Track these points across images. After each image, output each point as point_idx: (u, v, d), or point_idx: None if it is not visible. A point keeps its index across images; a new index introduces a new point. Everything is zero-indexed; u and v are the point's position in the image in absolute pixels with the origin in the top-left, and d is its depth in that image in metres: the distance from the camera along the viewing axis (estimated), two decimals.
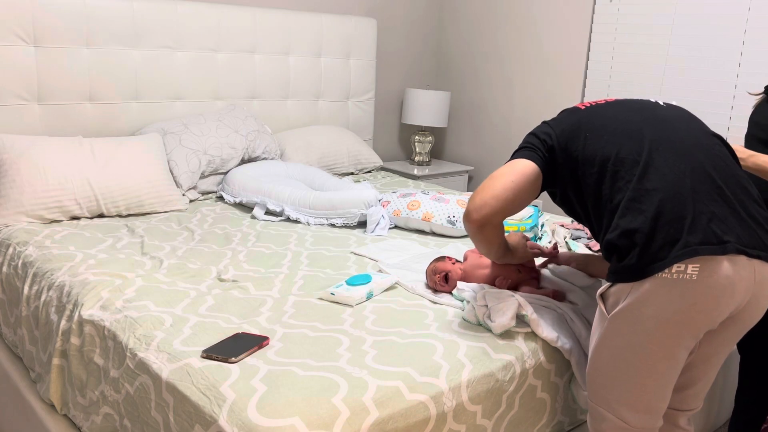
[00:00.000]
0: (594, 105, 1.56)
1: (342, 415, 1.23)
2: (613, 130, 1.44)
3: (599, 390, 1.45)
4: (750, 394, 2.02)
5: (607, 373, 1.41)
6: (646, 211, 1.31)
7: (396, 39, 4.05)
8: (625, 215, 1.33)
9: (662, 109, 1.50)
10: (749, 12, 2.85)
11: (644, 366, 1.36)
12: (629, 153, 1.39)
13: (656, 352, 1.34)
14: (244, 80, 3.25)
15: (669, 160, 1.36)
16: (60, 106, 2.70)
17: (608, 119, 1.48)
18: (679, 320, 1.30)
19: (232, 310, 1.67)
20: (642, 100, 1.56)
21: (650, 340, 1.33)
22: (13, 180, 2.31)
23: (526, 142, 1.57)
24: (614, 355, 1.39)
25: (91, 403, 1.61)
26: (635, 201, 1.33)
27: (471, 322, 1.65)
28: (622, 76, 3.34)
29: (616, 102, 1.55)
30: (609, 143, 1.42)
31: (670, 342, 1.33)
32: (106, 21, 2.74)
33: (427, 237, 2.45)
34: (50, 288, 1.85)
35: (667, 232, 1.29)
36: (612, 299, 1.38)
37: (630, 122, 1.45)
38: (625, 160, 1.38)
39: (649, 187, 1.33)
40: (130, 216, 2.50)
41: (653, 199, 1.31)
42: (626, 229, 1.32)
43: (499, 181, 1.49)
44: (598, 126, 1.47)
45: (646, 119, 1.45)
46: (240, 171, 2.82)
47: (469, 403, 1.42)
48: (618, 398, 1.41)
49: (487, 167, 4.10)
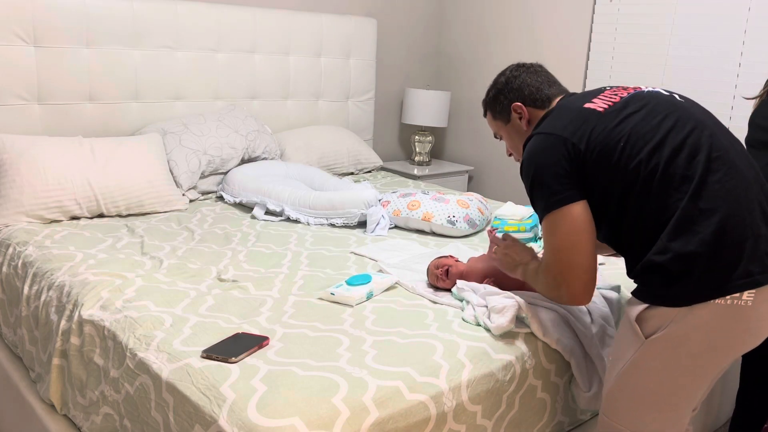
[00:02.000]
0: (615, 107, 1.41)
1: (342, 415, 1.23)
2: (653, 139, 1.33)
3: (625, 411, 1.39)
4: (751, 395, 2.02)
5: (638, 396, 1.36)
6: (702, 233, 1.23)
7: (396, 39, 4.05)
8: (678, 237, 1.25)
9: (691, 109, 1.39)
10: (749, 12, 2.85)
11: (682, 390, 1.32)
12: (677, 167, 1.29)
13: (697, 376, 1.30)
14: (244, 80, 3.25)
15: (721, 176, 1.27)
16: (60, 106, 2.70)
17: (642, 125, 1.35)
18: (728, 344, 1.27)
19: (232, 310, 1.67)
20: (661, 95, 1.43)
21: (694, 365, 1.29)
22: (13, 180, 2.31)
23: (556, 178, 1.38)
24: (650, 379, 1.33)
25: (91, 403, 1.61)
26: (689, 222, 1.25)
27: (470, 322, 1.64)
28: (622, 76, 3.34)
29: (636, 98, 1.41)
30: (652, 155, 1.31)
31: (713, 366, 1.30)
32: (106, 21, 2.74)
33: (427, 237, 2.45)
34: (50, 288, 1.85)
35: (726, 259, 1.23)
36: (652, 323, 1.31)
37: (670, 130, 1.34)
38: (674, 176, 1.29)
39: (703, 207, 1.25)
40: (130, 216, 2.50)
41: (710, 221, 1.23)
42: (681, 252, 1.24)
43: (581, 252, 1.36)
44: (636, 134, 1.34)
45: (683, 124, 1.34)
46: (240, 171, 2.82)
47: (469, 403, 1.42)
48: (647, 419, 1.37)
49: (487, 167, 4.09)
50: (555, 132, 1.42)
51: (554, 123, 1.45)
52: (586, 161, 1.38)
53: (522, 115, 1.61)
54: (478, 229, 2.53)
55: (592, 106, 1.43)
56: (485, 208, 2.62)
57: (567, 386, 1.67)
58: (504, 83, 1.64)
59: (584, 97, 1.49)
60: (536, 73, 1.62)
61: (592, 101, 1.45)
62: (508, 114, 1.63)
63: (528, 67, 1.64)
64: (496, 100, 1.65)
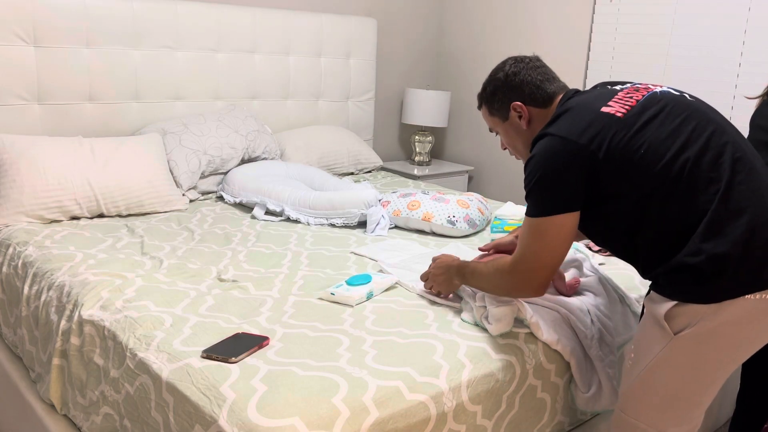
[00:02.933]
0: (633, 111, 1.39)
1: (342, 415, 1.23)
2: (675, 143, 1.33)
3: (644, 407, 1.40)
4: (751, 396, 2.02)
5: (662, 393, 1.37)
6: (732, 234, 1.26)
7: (396, 39, 4.05)
8: (710, 239, 1.27)
9: (705, 110, 1.40)
10: (749, 12, 2.85)
11: (705, 386, 1.35)
12: (703, 170, 1.30)
13: (720, 371, 1.33)
14: (244, 80, 3.25)
15: (745, 177, 1.30)
16: (60, 106, 2.70)
17: (662, 130, 1.35)
18: (755, 339, 1.31)
19: (232, 310, 1.67)
20: (674, 96, 1.43)
21: (719, 360, 1.32)
22: (13, 180, 2.31)
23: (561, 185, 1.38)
24: (676, 375, 1.35)
25: (91, 403, 1.61)
26: (719, 224, 1.27)
27: (468, 322, 1.64)
28: (622, 76, 3.34)
29: (652, 102, 1.40)
30: (676, 159, 1.32)
31: (738, 360, 1.33)
32: (106, 21, 2.74)
33: (427, 237, 2.45)
34: (50, 288, 1.85)
35: (757, 256, 1.26)
36: (681, 319, 1.32)
37: (691, 133, 1.35)
38: (700, 178, 1.30)
39: (732, 208, 1.28)
40: (130, 216, 2.50)
41: (740, 222, 1.27)
42: (714, 254, 1.26)
43: (557, 257, 1.41)
44: (656, 139, 1.34)
45: (703, 126, 1.36)
46: (240, 171, 2.82)
47: (469, 403, 1.42)
48: (666, 415, 1.38)
49: (487, 167, 4.10)
50: (571, 137, 1.38)
51: (571, 126, 1.40)
52: (602, 169, 1.36)
53: (522, 114, 1.58)
54: (478, 229, 2.53)
55: (611, 111, 1.40)
56: (485, 208, 2.62)
57: (567, 386, 1.67)
58: (503, 80, 1.59)
59: (599, 98, 1.45)
60: (535, 68, 1.58)
61: (609, 104, 1.41)
62: (506, 112, 1.60)
63: (527, 62, 1.59)
64: (494, 96, 1.61)
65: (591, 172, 1.37)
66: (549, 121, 1.49)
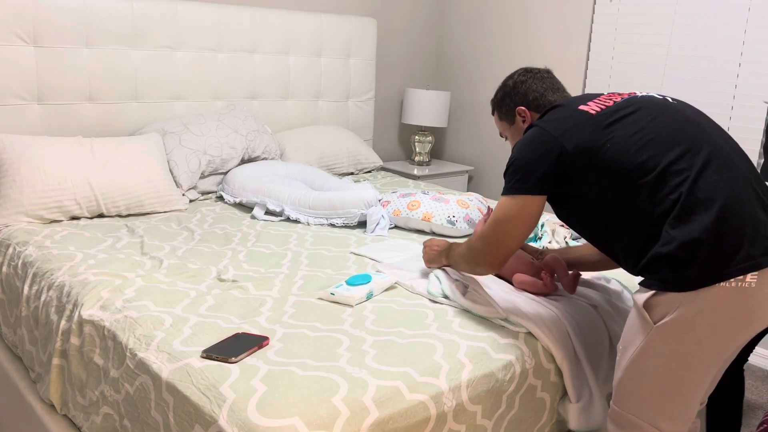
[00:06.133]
0: (607, 111, 1.48)
1: (342, 415, 1.23)
2: (643, 139, 1.39)
3: (636, 400, 1.42)
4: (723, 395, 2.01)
5: (649, 383, 1.39)
6: (702, 221, 1.29)
7: (396, 39, 4.05)
8: (679, 226, 1.31)
9: (683, 109, 1.46)
10: (749, 12, 2.85)
11: (691, 376, 1.35)
12: (672, 163, 1.35)
13: (705, 361, 1.34)
14: (244, 80, 3.25)
15: (717, 169, 1.34)
16: (60, 106, 2.70)
17: (632, 127, 1.42)
18: (733, 328, 1.31)
19: (232, 310, 1.67)
20: (654, 99, 1.50)
21: (702, 349, 1.32)
22: (13, 180, 2.31)
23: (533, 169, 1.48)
24: (660, 365, 1.36)
25: (91, 403, 1.61)
26: (689, 212, 1.30)
27: (434, 293, 1.73)
28: (622, 76, 3.34)
29: (629, 103, 1.48)
30: (643, 154, 1.38)
31: (720, 350, 1.33)
32: (106, 21, 2.74)
33: (427, 237, 2.45)
34: (50, 288, 1.85)
35: (728, 244, 1.28)
36: (659, 309, 1.34)
37: (660, 129, 1.40)
38: (668, 171, 1.35)
39: (702, 197, 1.31)
40: (130, 216, 2.50)
41: (711, 210, 1.29)
42: (685, 240, 1.29)
43: (515, 238, 1.52)
44: (622, 136, 1.41)
45: (673, 122, 1.41)
46: (240, 171, 2.82)
47: (469, 403, 1.42)
48: (658, 408, 1.39)
49: (487, 167, 4.10)
50: (548, 129, 1.50)
51: (550, 120, 1.53)
52: (570, 162, 1.45)
53: (525, 118, 1.71)
54: None
55: (586, 109, 1.51)
56: (485, 208, 2.62)
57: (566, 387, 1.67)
58: (511, 87, 1.74)
59: (582, 99, 1.57)
60: (542, 79, 1.72)
61: (587, 104, 1.52)
62: (512, 116, 1.74)
63: (535, 73, 1.73)
64: (502, 102, 1.76)
65: (560, 163, 1.47)
66: (539, 115, 1.63)
